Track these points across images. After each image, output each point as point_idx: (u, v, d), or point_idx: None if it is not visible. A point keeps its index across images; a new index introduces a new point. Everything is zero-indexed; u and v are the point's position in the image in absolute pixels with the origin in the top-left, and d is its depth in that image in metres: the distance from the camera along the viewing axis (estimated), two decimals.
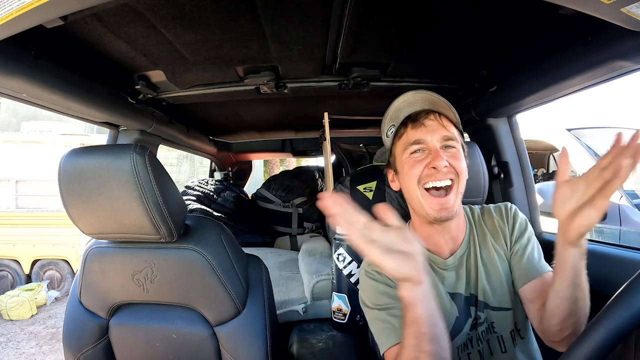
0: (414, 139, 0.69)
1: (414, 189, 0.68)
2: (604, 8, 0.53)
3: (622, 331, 0.38)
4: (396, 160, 0.74)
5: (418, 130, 0.70)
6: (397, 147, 0.73)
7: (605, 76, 0.80)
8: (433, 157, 0.67)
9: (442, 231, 0.73)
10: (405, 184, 0.71)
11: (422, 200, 0.68)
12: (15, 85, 0.75)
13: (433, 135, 0.69)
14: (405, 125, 0.71)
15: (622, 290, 0.41)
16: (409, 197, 0.72)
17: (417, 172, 0.68)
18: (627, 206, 1.78)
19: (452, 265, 0.74)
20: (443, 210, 0.66)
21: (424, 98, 0.71)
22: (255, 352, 0.83)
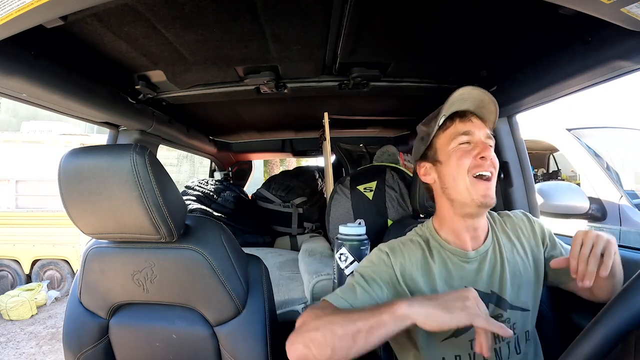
0: (463, 130, 0.72)
1: (463, 177, 0.71)
2: (604, 8, 0.53)
3: (622, 331, 0.38)
4: (438, 151, 0.76)
5: (466, 124, 0.73)
6: (441, 139, 0.76)
7: (605, 76, 0.80)
8: (482, 148, 0.70)
9: (470, 226, 0.76)
10: (451, 172, 0.73)
11: (470, 187, 0.70)
12: (15, 85, 0.75)
13: (479, 130, 0.73)
14: (452, 119, 0.74)
15: (622, 290, 0.41)
16: (452, 187, 0.73)
17: (467, 161, 0.71)
18: (627, 206, 1.78)
19: (473, 259, 0.75)
20: (487, 196, 0.70)
21: (476, 96, 0.73)
22: (255, 352, 0.83)
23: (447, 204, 0.76)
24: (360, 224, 1.03)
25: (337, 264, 1.01)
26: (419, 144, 0.82)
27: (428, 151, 0.79)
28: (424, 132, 0.81)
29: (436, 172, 0.78)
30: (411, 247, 0.77)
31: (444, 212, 0.78)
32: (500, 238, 0.79)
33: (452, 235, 0.77)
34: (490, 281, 0.75)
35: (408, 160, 1.74)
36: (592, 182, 1.92)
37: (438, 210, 0.81)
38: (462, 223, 0.75)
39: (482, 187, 0.70)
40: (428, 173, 0.80)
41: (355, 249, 0.98)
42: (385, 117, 1.80)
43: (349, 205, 1.31)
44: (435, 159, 0.77)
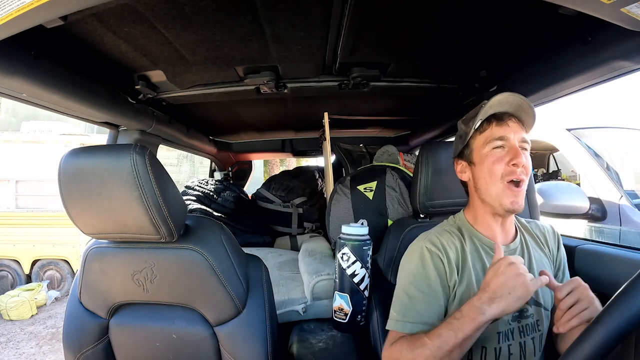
0: (499, 135, 0.74)
1: (495, 182, 0.73)
2: (604, 8, 0.53)
3: (622, 331, 0.38)
4: (473, 152, 0.78)
5: (502, 128, 0.74)
6: (478, 140, 0.77)
7: (605, 76, 0.80)
8: (514, 155, 0.72)
9: (500, 224, 0.79)
10: (484, 175, 0.75)
11: (500, 193, 0.73)
12: (15, 85, 0.75)
13: (515, 134, 0.74)
14: (490, 122, 0.75)
15: (622, 290, 0.41)
16: (483, 188, 0.76)
17: (500, 168, 0.73)
18: (627, 206, 1.78)
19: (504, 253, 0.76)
20: (515, 203, 0.72)
21: (513, 101, 0.74)
22: (255, 352, 0.83)
23: (479, 202, 0.79)
24: (363, 224, 1.03)
25: (338, 264, 1.01)
26: (457, 142, 0.84)
27: (465, 150, 0.81)
28: (462, 130, 0.82)
29: (471, 172, 0.80)
30: (449, 237, 0.79)
31: (477, 208, 0.81)
32: (528, 239, 0.83)
33: (485, 228, 0.80)
34: None
35: (408, 160, 1.74)
36: (592, 182, 1.92)
37: (471, 204, 0.83)
38: (492, 220, 0.79)
39: (511, 194, 0.72)
40: (464, 171, 0.82)
41: (357, 249, 0.98)
42: (385, 117, 1.80)
43: (349, 205, 1.31)
44: (471, 160, 0.79)
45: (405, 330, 0.72)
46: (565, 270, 0.85)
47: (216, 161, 2.46)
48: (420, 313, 0.72)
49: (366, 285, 1.00)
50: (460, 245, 0.78)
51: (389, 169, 1.36)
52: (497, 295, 0.61)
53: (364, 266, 0.99)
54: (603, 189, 1.87)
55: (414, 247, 0.81)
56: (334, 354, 1.05)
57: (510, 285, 0.60)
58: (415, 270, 0.77)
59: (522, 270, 0.61)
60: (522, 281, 0.60)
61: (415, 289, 0.75)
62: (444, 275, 0.75)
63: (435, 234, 0.81)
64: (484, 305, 0.61)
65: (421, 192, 0.97)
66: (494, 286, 0.62)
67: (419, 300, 0.74)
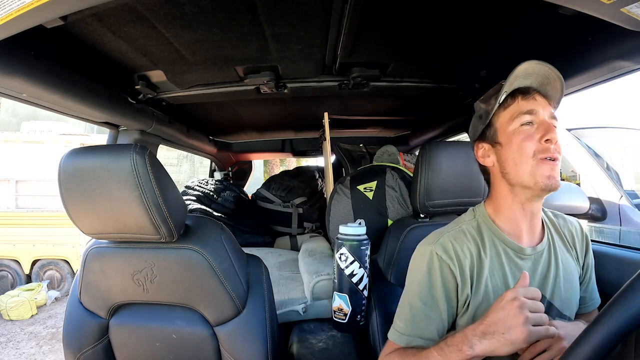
0: (527, 108, 0.65)
1: (526, 161, 0.64)
2: (604, 8, 0.53)
3: (622, 331, 0.38)
4: (498, 132, 0.69)
5: (529, 102, 0.66)
6: (502, 118, 0.68)
7: (605, 76, 0.80)
8: (546, 130, 0.63)
9: (528, 216, 0.69)
10: (512, 155, 0.66)
11: (534, 170, 0.64)
12: (15, 85, 0.75)
13: (544, 109, 0.66)
14: (514, 97, 0.67)
15: (622, 290, 0.41)
16: (512, 171, 0.66)
17: (531, 145, 0.64)
18: (627, 206, 1.78)
19: (530, 256, 0.69)
20: (552, 177, 0.63)
21: (540, 72, 0.65)
22: (255, 352, 0.83)
23: (507, 189, 0.69)
24: (360, 224, 1.03)
25: (337, 264, 1.01)
26: (476, 123, 0.75)
27: (487, 131, 0.71)
28: (482, 109, 0.73)
29: (495, 155, 0.70)
30: (464, 241, 0.70)
31: (501, 199, 0.71)
32: (555, 239, 0.74)
33: (509, 224, 0.70)
34: (542, 285, 0.69)
35: (408, 161, 1.74)
36: (592, 182, 1.91)
37: (494, 195, 0.73)
38: (520, 212, 0.69)
39: (547, 167, 0.63)
40: (486, 155, 0.72)
41: (355, 249, 0.98)
42: (385, 117, 1.80)
43: (349, 205, 1.31)
44: (495, 140, 0.70)
45: (401, 343, 0.68)
46: (592, 275, 0.77)
47: (216, 161, 2.46)
48: (418, 327, 0.67)
49: (365, 285, 1.00)
50: (477, 251, 0.69)
51: (389, 169, 1.36)
52: (490, 331, 0.55)
53: (362, 266, 0.99)
54: (603, 189, 1.87)
55: (423, 250, 0.72)
56: (334, 354, 1.05)
57: (506, 325, 0.53)
58: (421, 279, 0.70)
59: (525, 310, 0.53)
60: (519, 322, 0.52)
61: (418, 299, 0.69)
62: (453, 289, 0.68)
63: (449, 236, 0.71)
64: (474, 339, 0.56)
65: (421, 192, 0.97)
66: (490, 320, 0.56)
67: (420, 312, 0.68)
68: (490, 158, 0.72)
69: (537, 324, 0.53)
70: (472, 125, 0.78)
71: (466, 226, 0.73)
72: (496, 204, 0.72)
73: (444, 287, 0.68)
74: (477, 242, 0.70)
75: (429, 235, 0.75)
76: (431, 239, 0.73)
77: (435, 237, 0.72)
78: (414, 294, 0.70)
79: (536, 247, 0.70)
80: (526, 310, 0.53)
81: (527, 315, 0.53)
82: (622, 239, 1.73)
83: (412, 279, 0.72)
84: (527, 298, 0.54)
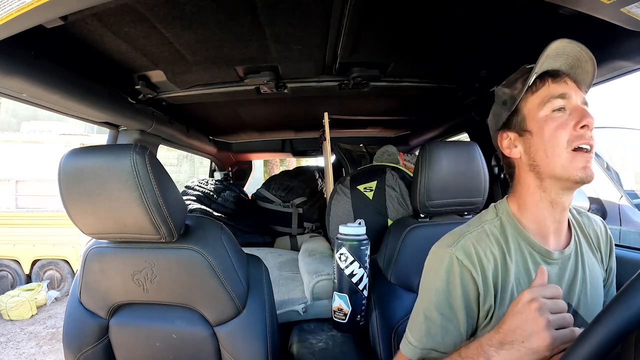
0: (559, 92, 0.59)
1: (560, 152, 0.58)
2: (604, 8, 0.53)
3: (622, 331, 0.38)
4: (527, 118, 0.62)
5: (561, 85, 0.60)
6: (530, 103, 0.61)
7: (605, 76, 0.80)
8: (582, 115, 0.57)
9: (558, 214, 0.63)
10: (544, 146, 0.59)
11: (568, 163, 0.58)
12: (15, 85, 0.75)
13: (576, 94, 0.60)
14: (543, 80, 0.61)
15: (622, 290, 0.40)
16: (544, 163, 0.60)
17: (565, 133, 0.58)
18: (627, 206, 1.78)
19: (556, 261, 0.63)
20: (588, 169, 0.58)
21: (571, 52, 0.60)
22: (255, 352, 0.83)
23: (535, 184, 0.62)
24: (360, 224, 1.03)
25: (337, 264, 1.01)
26: (499, 110, 0.67)
27: (513, 118, 0.64)
28: (506, 94, 0.66)
29: (523, 145, 0.63)
30: (487, 244, 0.63)
31: (527, 195, 0.64)
32: (582, 242, 0.68)
33: (535, 224, 0.64)
34: (569, 292, 0.63)
35: (408, 161, 1.74)
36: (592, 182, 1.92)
37: (520, 191, 0.66)
38: (548, 210, 0.63)
39: (582, 159, 0.57)
40: (513, 145, 0.65)
41: (355, 249, 0.98)
42: (385, 117, 1.80)
43: (349, 205, 1.31)
44: (523, 129, 0.63)
45: (414, 357, 0.62)
46: (614, 279, 0.72)
47: (216, 161, 2.47)
48: (434, 339, 0.61)
49: (365, 285, 1.00)
50: (501, 255, 0.62)
51: (389, 169, 1.36)
52: (508, 340, 0.48)
53: (362, 266, 0.99)
54: (603, 189, 1.87)
55: (442, 253, 0.65)
56: (334, 354, 1.05)
57: (526, 332, 0.46)
58: (439, 286, 0.63)
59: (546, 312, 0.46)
60: (540, 327, 0.45)
61: (435, 309, 0.62)
62: (474, 298, 0.61)
63: (471, 238, 0.64)
64: (491, 350, 0.49)
65: (421, 192, 0.97)
66: (507, 328, 0.48)
67: (436, 324, 0.62)
68: (517, 149, 0.64)
69: (560, 326, 0.46)
70: (493, 114, 0.70)
71: (489, 226, 0.66)
72: (521, 200, 0.65)
73: (464, 296, 0.61)
74: (502, 245, 0.63)
75: (447, 235, 0.68)
76: (450, 240, 0.65)
77: (455, 239, 0.65)
78: (430, 303, 0.63)
79: (564, 251, 0.64)
80: (547, 312, 0.46)
81: (548, 318, 0.46)
82: (622, 239, 1.74)
83: (428, 285, 0.65)
84: (546, 298, 0.48)
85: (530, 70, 0.61)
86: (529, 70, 0.62)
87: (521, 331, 0.47)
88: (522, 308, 0.48)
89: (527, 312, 0.47)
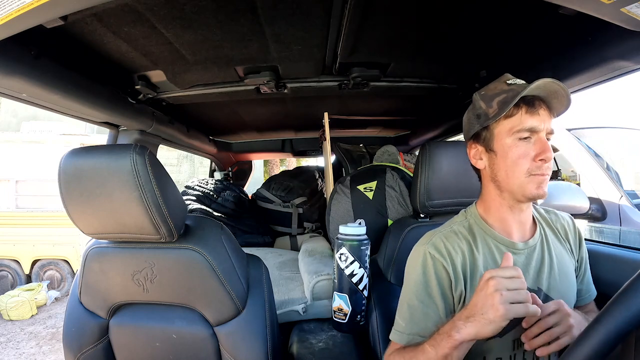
0: (529, 125, 0.64)
1: (518, 176, 0.66)
2: (604, 8, 0.53)
3: (622, 331, 0.38)
4: (495, 139, 0.69)
5: (533, 117, 0.65)
6: (502, 126, 0.67)
7: (605, 76, 0.80)
8: (543, 150, 0.64)
9: (517, 215, 0.71)
10: (505, 168, 0.67)
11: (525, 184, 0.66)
12: (15, 85, 0.75)
13: (545, 124, 0.65)
14: (519, 107, 0.65)
15: (622, 290, 0.41)
16: (503, 180, 0.68)
17: (526, 162, 0.65)
18: (627, 206, 1.78)
19: (522, 251, 0.71)
20: (541, 189, 0.65)
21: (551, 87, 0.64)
22: (255, 352, 0.83)
23: (495, 192, 0.71)
24: (360, 224, 1.03)
25: (337, 264, 1.01)
26: (473, 121, 0.73)
27: (483, 132, 0.71)
28: (481, 109, 0.71)
29: (488, 160, 0.71)
30: (456, 241, 0.72)
31: (490, 200, 0.73)
32: (548, 234, 0.75)
33: (498, 222, 0.72)
34: (537, 278, 0.71)
35: (408, 161, 1.74)
36: (592, 182, 1.92)
37: (485, 195, 0.75)
38: (508, 212, 0.71)
39: (537, 181, 0.65)
40: (479, 157, 0.73)
41: (355, 249, 0.98)
42: (385, 117, 1.80)
43: (349, 205, 1.31)
44: (490, 147, 0.70)
45: (402, 342, 0.70)
46: (587, 268, 0.79)
47: (216, 161, 2.47)
48: (418, 325, 0.69)
49: (365, 285, 1.00)
50: (469, 249, 0.71)
51: (389, 169, 1.36)
52: (472, 313, 0.57)
53: (362, 266, 0.99)
54: (603, 189, 1.87)
55: (417, 251, 0.75)
56: (334, 354, 1.05)
57: (485, 305, 0.55)
58: (417, 278, 0.72)
59: (501, 289, 0.54)
60: (493, 302, 0.54)
61: (415, 298, 0.70)
62: (447, 285, 0.69)
63: (441, 236, 0.73)
64: (459, 323, 0.58)
65: (421, 192, 0.97)
66: (472, 304, 0.58)
67: (418, 310, 0.69)
68: (482, 161, 0.72)
69: (515, 301, 0.54)
70: (467, 120, 0.76)
71: (457, 226, 0.75)
72: (486, 204, 0.74)
73: (439, 284, 0.69)
74: (469, 241, 0.72)
75: (423, 236, 0.77)
76: (424, 240, 0.75)
77: (428, 238, 0.74)
78: (411, 294, 0.72)
79: (528, 242, 0.72)
80: (502, 288, 0.55)
81: (502, 293, 0.54)
82: (622, 239, 1.74)
83: (408, 280, 0.74)
84: (505, 278, 0.56)
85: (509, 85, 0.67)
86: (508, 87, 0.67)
87: (481, 305, 0.56)
88: (482, 285, 0.57)
89: (486, 288, 0.56)
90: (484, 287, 0.56)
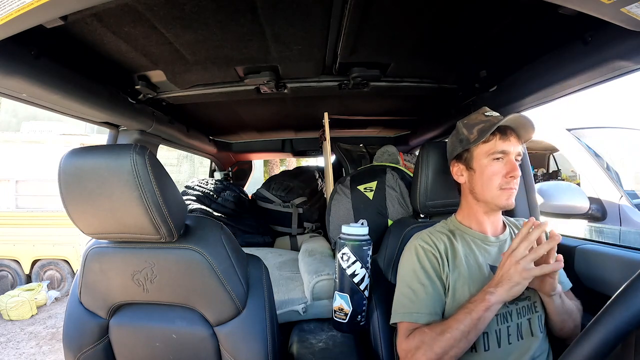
0: (501, 149, 0.81)
1: (491, 190, 0.82)
2: (604, 8, 0.53)
3: (622, 331, 0.38)
4: (474, 160, 0.85)
5: (505, 143, 0.81)
6: (480, 149, 0.84)
7: (605, 76, 0.80)
8: (512, 169, 0.80)
9: (491, 218, 0.88)
10: (482, 183, 0.84)
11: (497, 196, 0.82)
12: (15, 85, 0.75)
13: (514, 148, 0.82)
14: (494, 135, 0.82)
15: (622, 290, 0.41)
16: (479, 193, 0.85)
17: (498, 179, 0.81)
18: (627, 206, 1.78)
19: (495, 243, 0.87)
20: (509, 201, 0.82)
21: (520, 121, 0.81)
22: (255, 352, 0.83)
23: (473, 202, 0.88)
24: (363, 224, 1.03)
25: (338, 264, 1.01)
26: (456, 144, 0.89)
27: (464, 154, 0.87)
28: (463, 135, 0.87)
29: (468, 176, 0.87)
30: (439, 235, 0.88)
31: (468, 208, 0.90)
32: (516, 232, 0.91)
33: (475, 223, 0.89)
34: None
35: (408, 161, 1.74)
36: (592, 182, 1.92)
37: (463, 205, 0.92)
38: (484, 216, 0.88)
39: (506, 194, 0.82)
40: (461, 174, 0.89)
41: (357, 249, 0.98)
42: (385, 117, 1.80)
43: (349, 205, 1.31)
44: (470, 166, 0.86)
45: (420, 321, 0.78)
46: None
47: (216, 161, 2.47)
48: (426, 304, 0.80)
49: (366, 285, 1.00)
50: (449, 241, 0.87)
51: (389, 169, 1.36)
52: (500, 281, 0.72)
53: (364, 266, 0.99)
54: (603, 189, 1.87)
55: (409, 247, 0.90)
56: (334, 354, 1.05)
57: (509, 272, 0.71)
58: (413, 266, 0.85)
59: (518, 257, 0.71)
60: (517, 268, 0.70)
61: (417, 282, 0.82)
62: (438, 268, 0.84)
63: (427, 233, 0.90)
64: (490, 289, 0.72)
65: (421, 192, 0.97)
66: (498, 274, 0.73)
67: (422, 292, 0.81)
68: (463, 177, 0.89)
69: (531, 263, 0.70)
70: (451, 143, 0.92)
71: (439, 228, 0.92)
72: (464, 212, 0.92)
73: (433, 268, 0.83)
74: (449, 236, 0.88)
75: (411, 238, 0.93)
76: (412, 239, 0.92)
77: (416, 237, 0.91)
78: (412, 279, 0.84)
79: (499, 237, 0.89)
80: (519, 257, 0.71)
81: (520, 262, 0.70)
82: (622, 239, 1.74)
83: (405, 270, 0.87)
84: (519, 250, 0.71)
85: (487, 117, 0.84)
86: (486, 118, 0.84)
87: (507, 274, 0.72)
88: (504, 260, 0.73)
89: (509, 261, 0.72)
90: (507, 260, 0.72)
